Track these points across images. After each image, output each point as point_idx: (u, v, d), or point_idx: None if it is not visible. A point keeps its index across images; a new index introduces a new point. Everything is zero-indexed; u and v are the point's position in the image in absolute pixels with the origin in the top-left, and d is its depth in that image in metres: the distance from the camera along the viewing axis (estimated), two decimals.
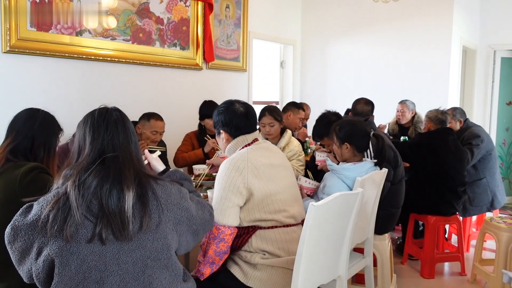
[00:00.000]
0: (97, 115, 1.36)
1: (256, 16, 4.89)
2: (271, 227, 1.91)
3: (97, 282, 1.22)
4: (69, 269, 1.20)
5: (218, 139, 2.11)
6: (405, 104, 4.43)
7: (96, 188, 1.24)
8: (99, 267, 1.22)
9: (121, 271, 1.24)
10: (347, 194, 1.92)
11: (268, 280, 1.87)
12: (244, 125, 2.02)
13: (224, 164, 1.93)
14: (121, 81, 3.55)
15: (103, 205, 1.22)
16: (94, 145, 1.30)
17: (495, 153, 3.98)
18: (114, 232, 1.22)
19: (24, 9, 2.86)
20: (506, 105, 5.75)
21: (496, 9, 5.52)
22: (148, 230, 1.27)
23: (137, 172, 1.31)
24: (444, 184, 3.35)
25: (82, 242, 1.20)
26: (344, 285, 2.03)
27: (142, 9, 3.65)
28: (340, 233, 1.96)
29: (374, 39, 5.21)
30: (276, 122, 3.26)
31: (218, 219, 1.84)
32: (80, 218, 1.20)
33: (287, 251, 1.91)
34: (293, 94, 5.66)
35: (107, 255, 1.22)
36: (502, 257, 2.98)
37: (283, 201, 1.95)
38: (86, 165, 1.28)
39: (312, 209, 1.65)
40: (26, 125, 1.82)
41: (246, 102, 2.10)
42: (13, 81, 2.89)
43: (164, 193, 1.34)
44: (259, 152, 1.98)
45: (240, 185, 1.86)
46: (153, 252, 1.29)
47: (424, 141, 3.47)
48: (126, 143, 1.34)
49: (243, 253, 1.91)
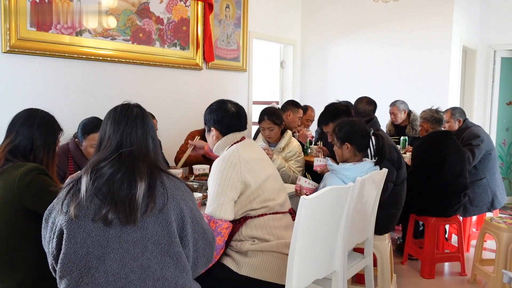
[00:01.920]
0: (119, 110, 1.45)
1: (256, 16, 4.88)
2: (260, 215, 1.98)
3: (99, 258, 1.28)
4: (74, 241, 1.28)
5: (208, 136, 2.18)
6: (395, 106, 4.44)
7: (109, 177, 1.32)
8: (102, 243, 1.28)
9: (121, 249, 1.29)
10: (339, 188, 1.95)
11: (260, 266, 1.91)
12: (235, 125, 2.11)
13: (217, 163, 2.00)
14: (121, 81, 3.54)
15: (114, 192, 1.30)
16: (114, 138, 1.39)
17: (495, 152, 3.98)
18: (120, 217, 1.28)
19: (24, 9, 2.86)
20: (506, 105, 5.75)
21: (496, 9, 5.51)
22: (151, 214, 1.32)
23: (150, 165, 1.38)
24: (447, 188, 3.34)
25: (88, 218, 1.29)
26: (341, 282, 2.04)
27: (142, 9, 3.65)
28: (333, 228, 1.98)
29: (374, 39, 5.21)
30: (275, 126, 3.26)
31: (215, 214, 1.90)
32: (87, 201, 1.29)
33: (276, 236, 1.97)
34: (293, 94, 5.66)
35: (110, 231, 1.29)
36: (502, 257, 2.98)
37: (272, 190, 2.04)
38: (104, 157, 1.36)
39: (303, 202, 1.68)
40: (25, 125, 1.83)
41: (237, 102, 2.18)
42: (13, 81, 2.89)
43: (172, 185, 1.40)
44: (247, 148, 2.07)
45: (235, 179, 1.93)
46: (154, 235, 1.32)
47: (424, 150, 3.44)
48: (143, 138, 1.42)
49: (233, 243, 1.97)
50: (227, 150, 2.06)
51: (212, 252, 1.53)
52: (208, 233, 1.50)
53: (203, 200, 2.34)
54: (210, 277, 1.90)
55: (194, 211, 1.44)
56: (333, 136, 2.50)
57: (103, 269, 1.27)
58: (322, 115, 3.03)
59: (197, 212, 1.46)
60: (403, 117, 4.47)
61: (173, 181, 1.42)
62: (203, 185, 2.72)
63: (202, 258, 1.47)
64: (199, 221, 1.45)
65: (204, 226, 1.48)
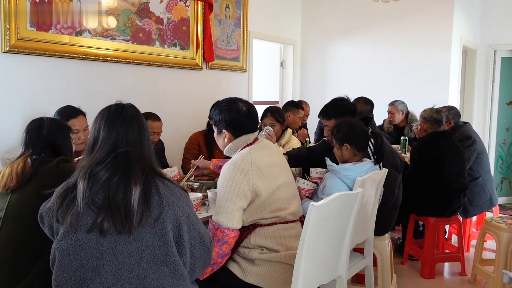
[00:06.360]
0: (113, 110, 1.41)
1: (256, 16, 4.88)
2: (271, 224, 1.91)
3: (93, 270, 1.26)
4: (67, 253, 1.26)
5: (218, 137, 2.06)
6: (394, 105, 4.47)
7: (105, 181, 1.29)
8: (96, 255, 1.26)
9: (116, 261, 1.27)
10: (347, 194, 1.92)
11: (267, 276, 1.86)
12: (248, 125, 1.99)
13: (228, 167, 1.90)
14: (121, 81, 3.54)
15: (110, 198, 1.27)
16: (108, 139, 1.36)
17: (486, 150, 3.98)
18: (115, 224, 1.26)
19: (24, 9, 2.86)
20: (506, 105, 5.75)
21: (496, 9, 5.51)
22: (147, 224, 1.30)
23: (145, 168, 1.35)
24: (447, 188, 3.34)
25: (82, 230, 1.26)
26: (344, 285, 2.03)
27: (142, 9, 3.65)
28: (340, 233, 1.96)
29: (374, 39, 5.21)
30: (277, 123, 3.27)
31: (223, 222, 1.83)
32: (83, 209, 1.26)
33: (285, 247, 1.91)
34: (293, 94, 5.66)
35: (104, 243, 1.27)
36: (502, 257, 2.98)
37: (283, 199, 1.95)
38: (99, 159, 1.33)
39: (312, 209, 1.65)
40: (39, 137, 1.82)
41: (247, 100, 2.07)
42: (12, 81, 2.89)
43: (167, 192, 1.37)
44: (261, 151, 1.96)
45: (245, 187, 1.84)
46: (150, 246, 1.30)
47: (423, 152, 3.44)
48: (139, 139, 1.40)
49: (241, 249, 1.91)
50: (239, 152, 1.96)
51: (210, 255, 1.50)
52: (205, 237, 1.47)
53: (203, 200, 2.33)
54: (214, 282, 1.89)
55: (191, 216, 1.41)
56: (332, 137, 2.49)
57: (98, 281, 1.26)
58: (327, 108, 2.81)
59: (194, 217, 1.44)
60: (401, 118, 4.48)
61: (168, 186, 1.39)
62: (203, 185, 2.72)
63: (199, 262, 1.45)
64: (196, 227, 1.43)
65: (201, 230, 1.45)
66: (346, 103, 2.81)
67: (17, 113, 2.90)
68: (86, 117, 2.66)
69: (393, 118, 4.48)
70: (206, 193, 2.39)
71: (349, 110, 2.76)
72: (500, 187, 5.78)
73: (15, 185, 1.70)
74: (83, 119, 2.65)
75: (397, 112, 4.44)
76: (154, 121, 3.12)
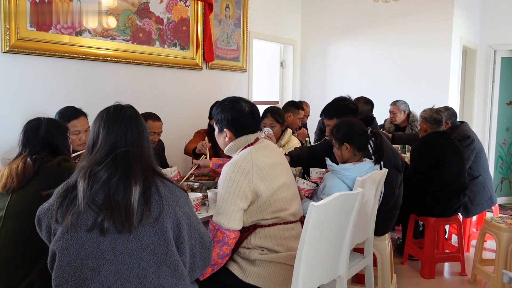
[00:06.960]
0: (112, 111, 1.43)
1: (256, 16, 4.88)
2: (271, 225, 1.91)
3: (94, 269, 1.26)
4: (68, 253, 1.26)
5: (219, 136, 2.05)
6: (396, 105, 4.47)
7: (105, 181, 1.30)
8: (96, 255, 1.27)
9: (116, 261, 1.28)
10: (347, 194, 1.92)
11: (267, 276, 1.86)
12: (250, 125, 1.98)
13: (228, 167, 1.89)
14: (121, 81, 3.54)
15: (110, 197, 1.28)
16: (107, 139, 1.37)
17: (484, 149, 3.98)
18: (116, 224, 1.27)
19: (23, 9, 2.86)
20: (506, 105, 5.75)
21: (496, 9, 5.51)
22: (147, 223, 1.31)
23: (144, 168, 1.37)
24: (447, 188, 3.34)
25: (82, 230, 1.27)
26: (344, 285, 2.03)
27: (142, 9, 3.65)
28: (340, 233, 1.96)
29: (374, 39, 5.21)
30: (277, 123, 3.27)
31: (223, 223, 1.83)
32: (84, 208, 1.27)
33: (285, 247, 1.91)
34: (293, 94, 5.66)
35: (104, 243, 1.27)
36: (502, 257, 2.98)
37: (284, 200, 1.94)
38: (99, 159, 1.34)
39: (312, 209, 1.65)
40: (37, 137, 1.82)
41: (249, 100, 2.06)
42: (12, 81, 2.89)
43: (167, 191, 1.38)
44: (262, 152, 1.95)
45: (246, 188, 1.83)
46: (150, 245, 1.31)
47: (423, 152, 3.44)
48: (138, 139, 1.41)
49: (241, 250, 1.91)
50: (240, 153, 1.95)
51: (210, 255, 1.51)
52: (205, 237, 1.48)
53: (203, 200, 2.33)
54: (215, 282, 1.89)
55: (190, 216, 1.42)
56: (331, 137, 2.49)
57: (99, 280, 1.26)
58: (329, 108, 2.83)
59: (194, 216, 1.44)
60: (402, 118, 4.49)
61: (168, 186, 1.40)
62: (203, 185, 2.72)
63: (199, 262, 1.45)
64: (196, 226, 1.43)
65: (200, 230, 1.46)
66: (348, 103, 2.82)
67: (17, 113, 2.90)
68: (87, 118, 2.66)
69: (395, 118, 4.48)
70: (206, 193, 2.39)
71: (351, 109, 2.78)
72: (500, 187, 5.78)
73: (16, 185, 1.70)
74: (85, 120, 2.64)
75: (399, 112, 4.45)
76: (154, 121, 3.12)
